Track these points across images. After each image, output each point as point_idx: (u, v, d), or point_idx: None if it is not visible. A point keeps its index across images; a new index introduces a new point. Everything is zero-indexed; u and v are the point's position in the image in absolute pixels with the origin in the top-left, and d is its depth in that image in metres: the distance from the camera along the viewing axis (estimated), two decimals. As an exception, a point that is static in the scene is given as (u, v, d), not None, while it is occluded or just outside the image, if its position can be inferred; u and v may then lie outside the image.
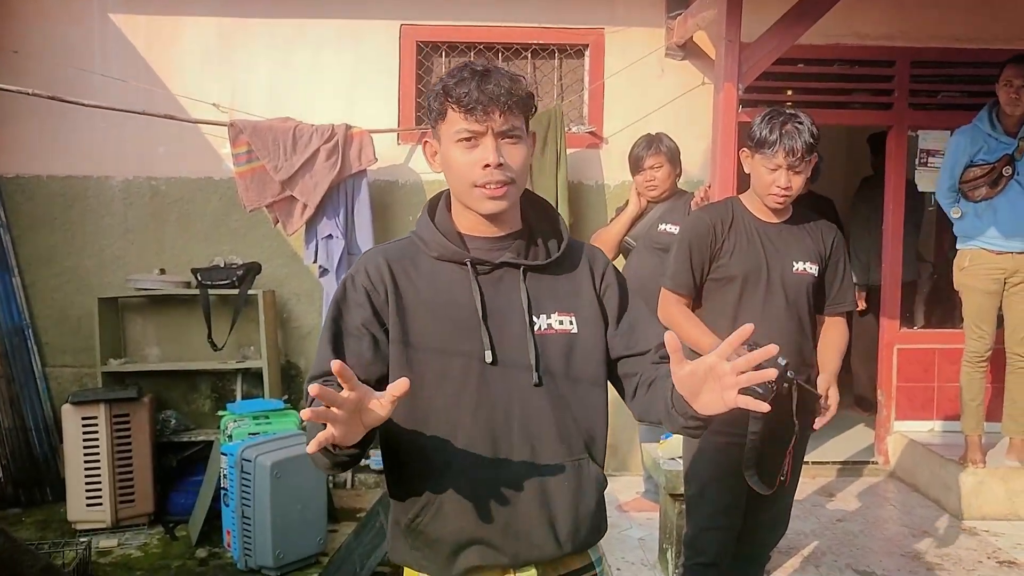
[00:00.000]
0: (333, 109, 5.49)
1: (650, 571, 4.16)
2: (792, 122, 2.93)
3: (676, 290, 3.14)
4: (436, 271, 1.84)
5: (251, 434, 4.63)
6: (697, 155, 5.53)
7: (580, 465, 1.83)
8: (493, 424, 1.78)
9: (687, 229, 3.16)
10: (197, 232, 5.66)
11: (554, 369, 1.82)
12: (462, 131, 1.76)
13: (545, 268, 1.87)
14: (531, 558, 1.81)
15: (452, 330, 1.80)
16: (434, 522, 1.79)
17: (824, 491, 5.30)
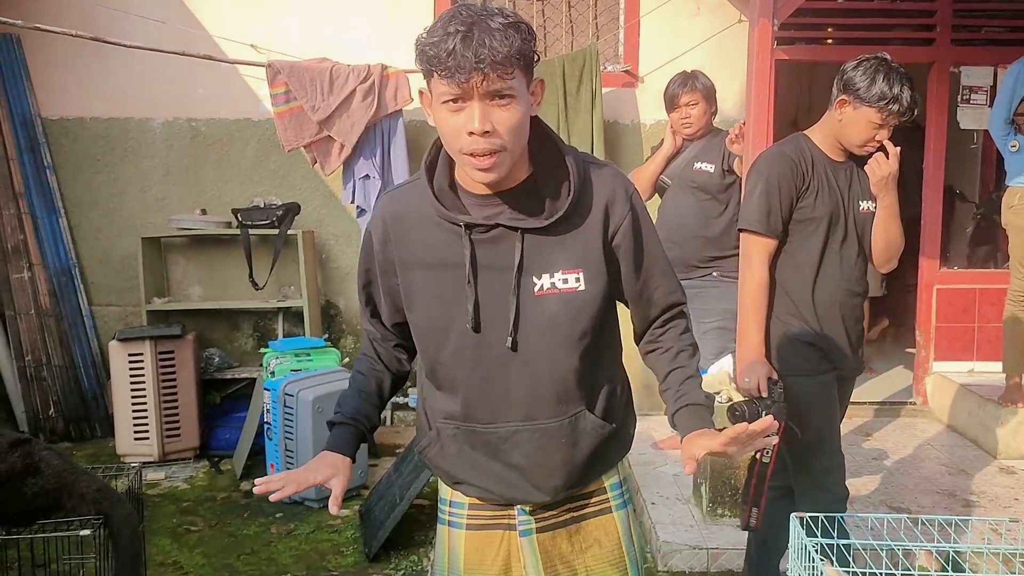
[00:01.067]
0: (369, 49, 5.50)
1: (684, 505, 4.23)
2: (903, 76, 2.81)
3: (766, 233, 2.94)
4: (433, 229, 1.78)
5: (293, 370, 4.74)
6: (733, 94, 5.49)
7: (576, 419, 1.83)
8: (488, 384, 1.80)
9: (768, 165, 2.98)
10: (237, 173, 5.73)
11: (556, 329, 1.78)
12: (446, 94, 1.61)
13: (550, 228, 1.75)
14: (523, 502, 1.89)
15: (448, 291, 1.78)
16: (437, 458, 1.91)
17: (861, 430, 5.33)
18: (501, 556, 1.93)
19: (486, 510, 1.93)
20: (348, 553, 4.00)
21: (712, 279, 4.59)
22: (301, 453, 4.42)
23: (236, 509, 4.49)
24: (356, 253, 5.68)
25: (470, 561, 1.94)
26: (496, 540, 1.93)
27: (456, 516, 1.95)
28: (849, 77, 2.89)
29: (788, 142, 3.05)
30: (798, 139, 3.05)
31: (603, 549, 1.94)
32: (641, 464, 4.74)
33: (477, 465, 1.86)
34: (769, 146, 3.12)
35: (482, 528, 1.93)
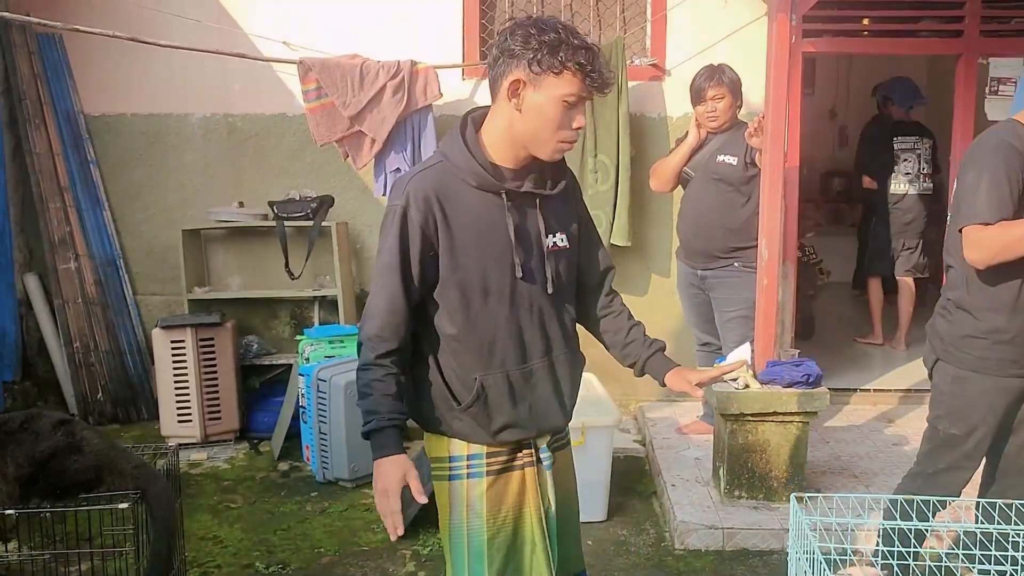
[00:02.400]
0: (398, 45, 5.64)
1: (703, 487, 4.36)
2: None
3: (992, 222, 2.73)
4: (474, 199, 2.14)
5: (327, 357, 4.92)
6: (759, 87, 5.53)
7: (572, 354, 2.33)
8: (521, 327, 2.21)
9: (989, 156, 2.78)
10: (273, 166, 5.92)
11: (563, 278, 2.27)
12: (573, 95, 2.05)
13: (552, 196, 2.23)
14: (548, 429, 2.30)
15: (491, 250, 2.15)
16: (480, 410, 2.19)
17: (883, 417, 5.40)
18: (517, 492, 2.24)
19: (501, 455, 2.23)
20: (379, 530, 4.17)
21: (734, 269, 4.70)
22: (334, 435, 4.60)
23: (273, 488, 4.69)
24: (389, 244, 5.83)
25: (491, 503, 2.21)
26: (514, 479, 2.25)
27: (475, 467, 2.22)
28: None
29: (1002, 128, 2.85)
30: (1008, 123, 2.87)
31: (569, 474, 2.44)
32: (664, 448, 4.87)
33: (513, 403, 2.20)
34: (977, 138, 2.94)
35: (501, 472, 2.23)
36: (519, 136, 2.12)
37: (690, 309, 5.01)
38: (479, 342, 2.17)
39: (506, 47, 2.07)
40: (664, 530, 4.14)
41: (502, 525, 2.22)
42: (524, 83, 2.05)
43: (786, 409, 4.05)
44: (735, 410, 4.07)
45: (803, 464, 4.16)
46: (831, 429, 5.18)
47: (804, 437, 4.14)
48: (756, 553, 3.87)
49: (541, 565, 2.24)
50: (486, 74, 2.21)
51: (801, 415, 4.07)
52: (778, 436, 4.11)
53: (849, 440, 5.03)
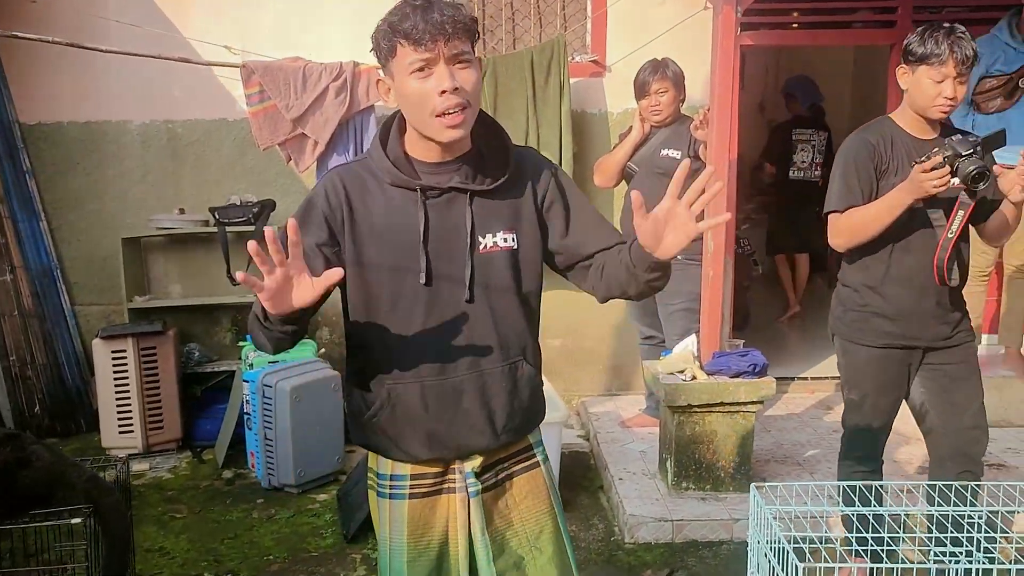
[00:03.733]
0: (340, 47, 5.59)
1: (651, 479, 4.37)
2: (955, 32, 2.92)
3: (842, 210, 3.10)
4: (389, 195, 1.97)
5: (271, 362, 4.85)
6: (699, 81, 5.58)
7: (515, 367, 2.06)
8: (439, 336, 1.98)
9: (847, 152, 3.12)
10: (213, 172, 5.84)
11: (498, 283, 2.01)
12: (415, 62, 1.83)
13: (491, 192, 2.00)
14: (472, 450, 2.05)
15: (401, 253, 1.95)
16: (388, 423, 2.03)
17: (822, 404, 5.47)
18: (442, 519, 2.08)
19: (427, 478, 2.07)
20: (327, 535, 4.13)
21: (677, 262, 4.61)
22: (280, 441, 4.54)
23: (219, 496, 4.62)
24: (333, 247, 5.77)
25: (413, 527, 2.06)
26: (439, 505, 2.08)
27: (398, 488, 2.08)
28: (904, 45, 3.02)
29: (870, 126, 3.16)
30: (881, 122, 3.16)
31: (536, 499, 2.16)
32: (609, 442, 4.88)
33: (428, 417, 2.00)
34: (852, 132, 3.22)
35: (425, 496, 2.07)
36: (416, 129, 1.95)
37: (634, 303, 5.02)
38: (390, 349, 1.99)
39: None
40: (613, 524, 4.14)
41: (424, 550, 2.08)
42: (383, 80, 1.96)
43: (733, 399, 4.07)
44: (682, 401, 4.08)
45: (750, 454, 4.20)
46: (772, 418, 5.24)
47: (750, 427, 4.17)
48: (706, 544, 3.89)
49: None
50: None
51: (748, 405, 4.10)
52: (725, 426, 4.14)
53: (790, 428, 5.09)
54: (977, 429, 3.18)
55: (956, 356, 3.17)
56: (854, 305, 3.21)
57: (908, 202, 2.94)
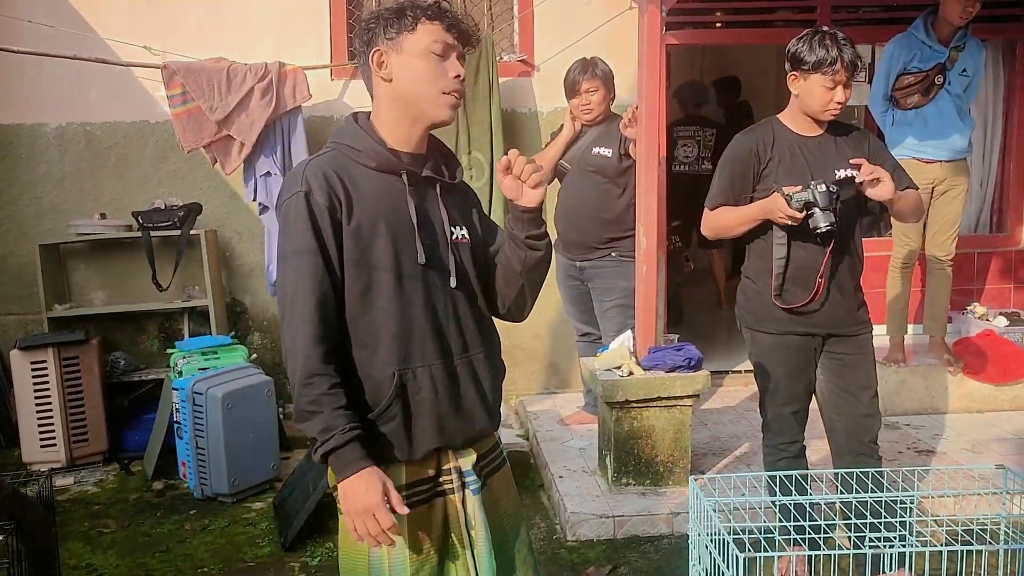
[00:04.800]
0: (265, 47, 5.49)
1: (591, 476, 4.37)
2: (839, 39, 3.07)
3: (713, 209, 3.33)
4: (375, 180, 2.00)
5: (201, 369, 4.74)
6: (626, 79, 5.61)
7: (491, 353, 2.16)
8: (437, 321, 2.03)
9: (729, 153, 3.31)
10: (135, 176, 5.68)
11: (466, 273, 2.11)
12: (439, 43, 1.98)
13: (452, 188, 2.13)
14: (473, 435, 2.10)
15: (397, 238, 1.99)
16: (400, 411, 1.98)
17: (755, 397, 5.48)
18: (441, 522, 2.07)
19: (423, 483, 2.04)
20: (264, 544, 4.04)
21: (611, 259, 4.74)
22: (212, 449, 4.43)
23: (149, 509, 4.48)
24: (260, 250, 5.68)
25: (414, 539, 2.01)
26: (438, 508, 2.06)
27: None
28: (793, 53, 3.16)
29: (754, 127, 3.37)
30: (767, 122, 3.35)
31: (510, 494, 2.24)
32: (548, 440, 4.88)
33: (439, 403, 2.01)
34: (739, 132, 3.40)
35: (424, 501, 2.04)
36: (405, 106, 2.02)
37: (569, 300, 5.03)
38: (396, 331, 1.96)
39: (361, 37, 2.06)
40: (555, 522, 4.14)
41: (427, 559, 2.03)
42: (384, 52, 2.01)
43: (669, 393, 4.10)
44: (620, 397, 4.10)
45: (687, 448, 4.23)
46: (708, 412, 5.30)
47: (687, 420, 4.20)
48: (647, 539, 3.90)
49: None
50: (356, 74, 2.20)
51: (684, 398, 4.14)
52: (663, 421, 4.16)
53: (726, 422, 5.15)
54: (869, 417, 3.33)
55: (852, 346, 3.31)
56: (755, 295, 3.33)
57: (761, 219, 3.18)
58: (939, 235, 5.00)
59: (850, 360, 3.30)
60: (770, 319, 3.29)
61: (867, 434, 3.31)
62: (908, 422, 4.94)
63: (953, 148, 4.90)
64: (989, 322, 5.37)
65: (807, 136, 3.24)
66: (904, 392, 5.03)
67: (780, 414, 3.38)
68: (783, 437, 3.40)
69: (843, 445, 3.34)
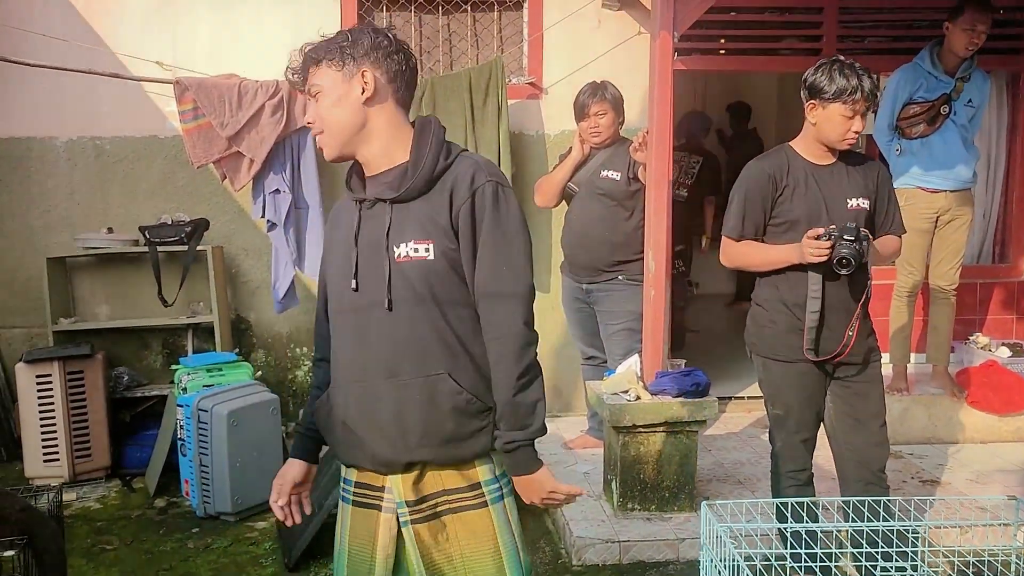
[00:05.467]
0: (276, 65, 5.46)
1: (596, 501, 4.37)
2: (857, 69, 3.10)
3: (735, 237, 3.33)
4: (349, 207, 2.15)
5: (205, 386, 4.73)
6: (634, 103, 5.65)
7: (435, 381, 2.02)
8: (361, 344, 2.07)
9: (744, 180, 3.33)
10: (143, 191, 5.69)
11: (413, 293, 2.01)
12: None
13: (409, 199, 2.03)
14: (382, 459, 2.06)
15: (341, 261, 2.11)
16: (326, 424, 2.16)
17: (759, 423, 5.54)
18: (371, 533, 2.12)
19: (366, 488, 2.13)
20: (267, 564, 4.03)
21: (619, 283, 4.75)
22: (216, 467, 4.42)
23: (151, 526, 4.47)
24: (266, 267, 5.68)
25: (354, 536, 2.15)
26: (372, 518, 2.12)
27: (347, 492, 2.18)
28: (811, 82, 3.18)
29: (769, 154, 3.39)
30: (780, 150, 3.36)
31: (478, 540, 2.09)
32: (553, 464, 4.86)
33: (348, 422, 2.08)
34: (751, 160, 3.44)
35: (364, 506, 2.14)
36: None
37: (575, 323, 5.04)
38: (332, 351, 2.16)
39: None
40: (560, 547, 4.13)
41: (360, 559, 2.14)
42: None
43: (677, 419, 4.10)
44: (627, 422, 4.10)
45: (693, 473, 4.23)
46: (712, 437, 5.29)
47: (694, 446, 4.20)
48: (653, 564, 3.89)
49: None
50: None
51: (692, 424, 4.14)
52: (669, 446, 4.16)
53: (730, 447, 5.15)
54: (878, 446, 3.34)
55: (862, 374, 3.32)
56: (766, 322, 3.34)
57: (792, 261, 3.19)
58: (943, 264, 5.02)
59: (860, 388, 3.32)
60: (782, 347, 3.31)
61: (876, 463, 3.31)
62: (911, 451, 4.94)
63: (958, 178, 4.93)
64: (992, 352, 5.37)
65: (821, 165, 3.27)
66: (907, 421, 5.03)
67: (791, 442, 3.39)
68: (793, 464, 3.40)
69: (851, 473, 3.34)
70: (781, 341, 3.30)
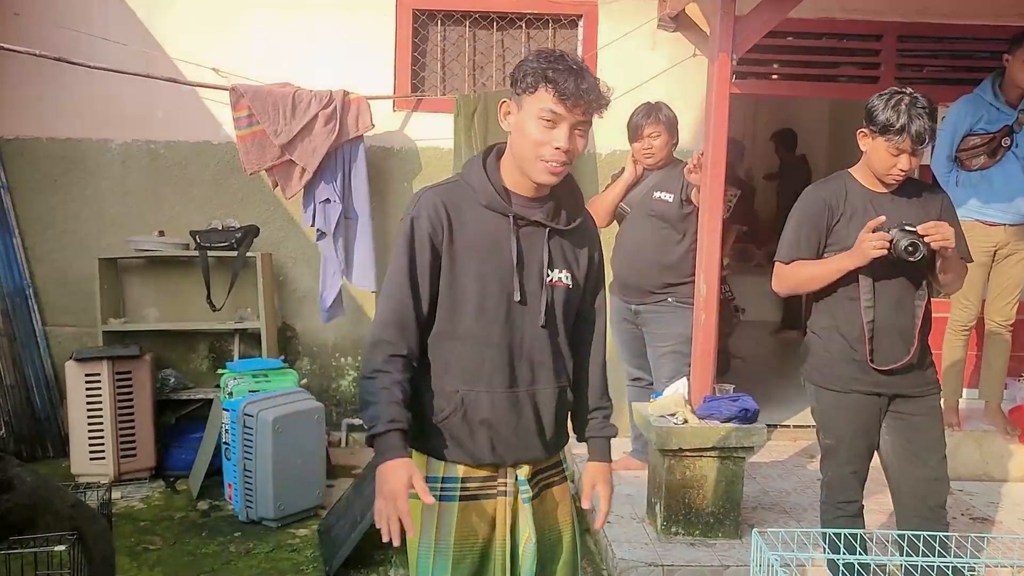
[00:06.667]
0: (330, 75, 5.56)
1: (639, 523, 4.33)
2: (916, 106, 2.98)
3: (787, 262, 3.29)
4: (482, 217, 2.21)
5: (251, 391, 4.75)
6: (687, 125, 5.62)
7: (563, 391, 2.33)
8: (512, 351, 2.24)
9: (800, 205, 3.29)
10: (195, 195, 5.75)
11: (556, 314, 2.28)
12: (548, 111, 2.09)
13: (564, 232, 2.28)
14: (525, 459, 2.28)
15: (492, 270, 2.20)
16: (460, 423, 2.22)
17: (804, 452, 5.48)
18: (488, 521, 2.27)
19: (475, 481, 2.25)
20: (308, 571, 4.03)
21: (667, 304, 4.72)
22: (260, 473, 4.44)
23: (194, 528, 4.49)
24: (314, 275, 5.70)
25: (461, 528, 2.24)
26: (487, 508, 2.27)
27: (449, 490, 2.25)
28: (868, 108, 3.11)
29: (827, 180, 3.34)
30: (839, 176, 3.30)
31: (564, 508, 2.40)
32: (597, 484, 4.82)
33: (495, 421, 2.21)
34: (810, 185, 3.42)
35: (474, 498, 2.26)
36: (516, 159, 2.20)
37: (622, 344, 5.01)
38: (467, 359, 2.21)
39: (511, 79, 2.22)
40: (602, 568, 4.09)
41: (469, 551, 2.25)
42: (510, 104, 2.20)
43: (724, 444, 4.06)
44: (674, 445, 4.06)
45: (739, 500, 4.18)
46: (756, 465, 5.23)
47: (740, 472, 4.16)
48: (695, 590, 3.85)
49: None
50: (417, 106, 2.30)
51: (739, 450, 4.09)
52: (715, 471, 4.12)
53: (775, 476, 5.09)
54: (937, 481, 3.27)
55: (920, 407, 3.25)
56: (822, 351, 3.29)
57: (850, 267, 3.11)
58: (999, 300, 4.94)
59: (917, 422, 3.25)
60: (836, 377, 3.26)
61: (935, 498, 3.25)
62: (961, 487, 4.85)
63: (1018, 211, 4.85)
64: (1045, 390, 5.28)
65: (878, 192, 3.20)
66: (958, 457, 4.92)
67: (842, 473, 3.33)
68: (843, 496, 3.34)
69: (909, 508, 3.27)
70: (835, 371, 3.26)
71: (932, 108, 3.03)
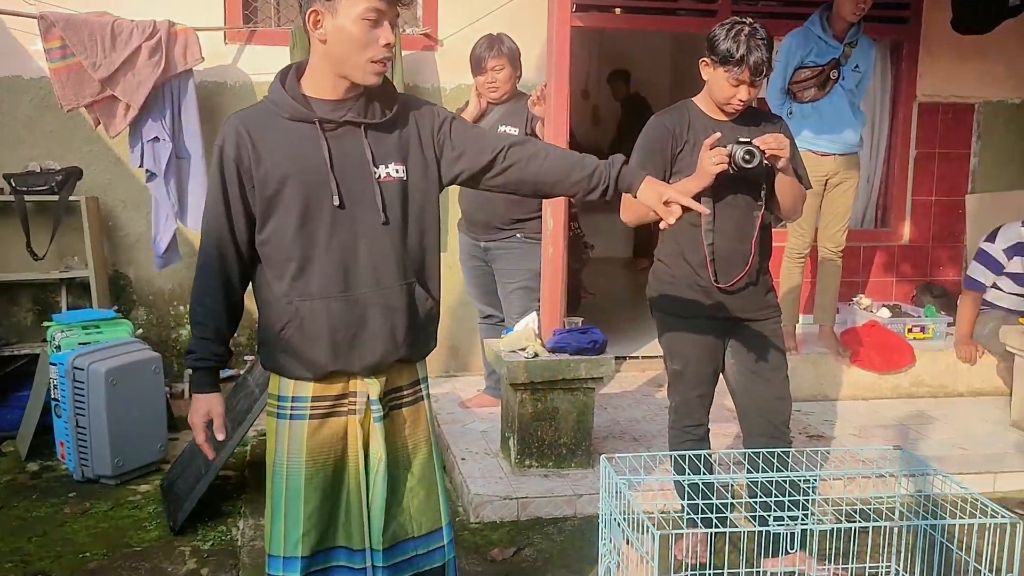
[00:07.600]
0: (151, 5, 5.19)
1: (493, 458, 4.33)
2: (756, 37, 3.00)
3: None
4: (289, 130, 2.19)
5: (81, 343, 4.47)
6: (531, 58, 5.57)
7: (412, 287, 2.30)
8: (343, 257, 2.21)
9: (645, 133, 3.30)
10: (8, 135, 5.30)
11: (392, 210, 2.25)
12: (372, 11, 2.09)
13: (383, 125, 2.24)
14: (372, 363, 2.26)
15: (307, 179, 2.18)
16: (297, 333, 2.23)
17: (653, 382, 5.61)
18: (339, 439, 2.31)
19: (327, 400, 2.28)
20: (151, 528, 3.84)
21: (516, 240, 4.70)
22: (95, 429, 4.19)
23: (23, 491, 4.21)
24: (146, 219, 5.39)
25: (312, 446, 2.27)
26: (338, 425, 2.30)
27: (299, 409, 2.28)
28: (709, 37, 3.10)
29: (670, 109, 3.35)
30: (683, 104, 3.32)
31: (419, 428, 2.42)
32: (450, 422, 4.81)
33: (333, 329, 2.21)
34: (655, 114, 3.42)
35: (324, 416, 2.29)
36: (333, 65, 2.17)
37: (472, 281, 4.97)
38: (295, 268, 2.21)
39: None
40: (458, 504, 4.08)
41: (321, 468, 2.28)
42: (320, 12, 2.12)
43: (574, 376, 4.09)
44: (525, 379, 4.06)
45: (590, 430, 4.24)
46: (607, 396, 5.32)
47: (591, 403, 4.21)
48: (550, 520, 3.89)
49: (354, 513, 2.32)
50: (250, 38, 2.21)
51: (589, 381, 4.14)
52: (567, 403, 4.15)
53: (625, 406, 5.19)
54: (781, 400, 3.41)
55: (762, 329, 3.36)
56: (667, 277, 3.36)
57: (695, 190, 3.07)
58: (831, 227, 5.15)
59: (760, 344, 3.35)
60: (682, 303, 3.31)
61: (779, 416, 3.37)
62: (799, 408, 5.03)
63: (846, 142, 5.05)
64: (873, 313, 5.56)
65: (720, 120, 3.24)
66: (795, 379, 5.04)
67: (688, 397, 3.42)
68: (689, 420, 3.44)
69: (755, 427, 3.38)
70: (681, 296, 3.31)
71: (770, 39, 3.07)
